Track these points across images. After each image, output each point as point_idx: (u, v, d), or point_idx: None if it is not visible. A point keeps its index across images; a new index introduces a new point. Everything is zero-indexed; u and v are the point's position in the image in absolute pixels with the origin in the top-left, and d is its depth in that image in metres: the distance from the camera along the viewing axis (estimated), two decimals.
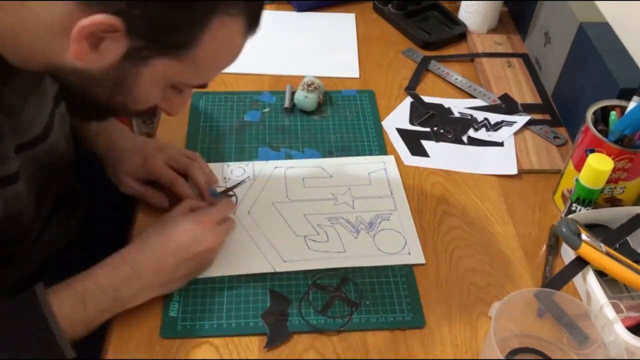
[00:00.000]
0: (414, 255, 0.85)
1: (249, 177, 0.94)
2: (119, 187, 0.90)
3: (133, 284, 0.73)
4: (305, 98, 1.06)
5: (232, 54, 0.67)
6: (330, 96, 1.11)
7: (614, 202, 0.90)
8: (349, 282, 0.82)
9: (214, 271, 0.81)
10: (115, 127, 0.93)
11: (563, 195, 0.93)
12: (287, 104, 1.07)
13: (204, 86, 0.70)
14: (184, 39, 0.59)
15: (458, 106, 1.11)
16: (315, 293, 0.80)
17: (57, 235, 0.90)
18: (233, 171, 0.95)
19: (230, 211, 0.85)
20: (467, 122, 1.07)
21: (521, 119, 1.07)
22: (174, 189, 0.88)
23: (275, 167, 0.97)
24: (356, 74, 1.17)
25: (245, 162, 0.97)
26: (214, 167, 0.93)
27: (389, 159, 0.99)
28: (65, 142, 0.83)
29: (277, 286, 0.81)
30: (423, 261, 0.85)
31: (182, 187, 0.87)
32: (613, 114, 0.88)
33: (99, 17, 0.55)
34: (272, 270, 0.82)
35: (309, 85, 1.06)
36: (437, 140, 1.04)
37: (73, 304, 0.69)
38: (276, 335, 0.75)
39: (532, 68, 1.20)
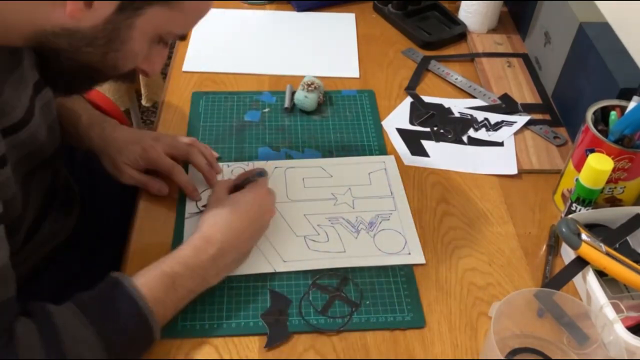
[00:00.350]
0: (414, 255, 0.85)
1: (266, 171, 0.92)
2: (118, 177, 0.90)
3: (217, 263, 0.76)
4: (305, 98, 1.06)
5: (210, 2, 0.69)
6: (330, 96, 1.11)
7: (614, 202, 0.90)
8: (349, 282, 0.82)
9: None
10: (105, 120, 0.94)
11: (563, 195, 0.93)
12: (287, 104, 1.07)
13: (183, 38, 0.72)
14: None
15: (458, 106, 1.11)
16: (315, 293, 0.80)
17: (54, 233, 0.90)
18: (233, 171, 0.95)
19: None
20: (467, 122, 1.07)
21: (521, 119, 1.07)
22: (172, 176, 0.90)
23: (276, 167, 0.97)
24: (356, 74, 1.17)
25: (246, 162, 0.97)
26: None
27: (389, 159, 0.99)
28: (47, 133, 0.82)
29: (277, 286, 0.81)
30: (423, 261, 0.85)
31: (179, 175, 0.89)
32: (613, 114, 0.88)
33: None
34: (272, 270, 0.82)
35: (309, 85, 1.06)
36: (437, 140, 1.04)
37: (164, 286, 0.71)
38: (276, 335, 0.75)
39: (532, 68, 1.20)
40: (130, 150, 0.89)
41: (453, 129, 1.06)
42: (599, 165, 0.82)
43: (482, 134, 1.05)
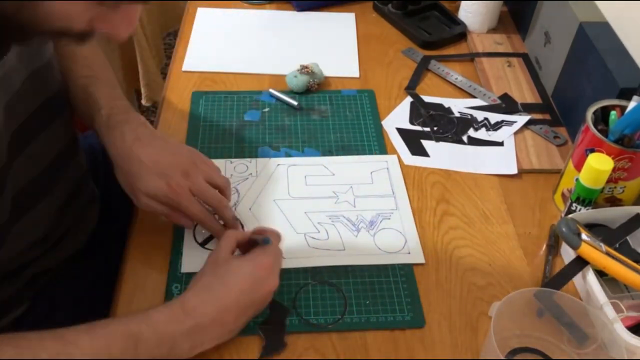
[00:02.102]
0: (414, 254, 0.85)
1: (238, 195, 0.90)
2: (134, 201, 0.80)
3: (193, 338, 0.67)
4: (294, 77, 1.08)
5: None
6: (330, 96, 1.11)
7: (614, 201, 0.90)
8: (348, 281, 0.81)
9: None
10: (128, 120, 0.81)
11: (563, 195, 0.93)
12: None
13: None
14: None
15: (458, 106, 1.11)
16: (314, 291, 0.80)
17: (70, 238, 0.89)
18: (236, 167, 0.95)
19: (281, 242, 0.79)
20: (467, 122, 1.07)
21: (521, 119, 1.07)
22: (201, 225, 0.82)
23: (278, 165, 0.97)
24: (356, 74, 1.17)
25: (248, 159, 0.97)
26: (217, 163, 0.90)
27: (391, 159, 0.99)
28: (4, 113, 0.71)
29: None
30: (423, 261, 0.85)
31: (213, 229, 0.81)
32: (613, 114, 0.88)
33: None
34: None
35: (303, 67, 1.09)
36: (437, 140, 1.04)
37: (124, 345, 0.63)
38: (272, 346, 0.74)
39: (532, 68, 1.20)
40: (152, 183, 0.77)
41: (453, 128, 1.06)
42: (599, 165, 0.82)
43: (482, 134, 1.05)
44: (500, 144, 1.03)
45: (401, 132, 1.05)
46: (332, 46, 1.24)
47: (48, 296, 0.88)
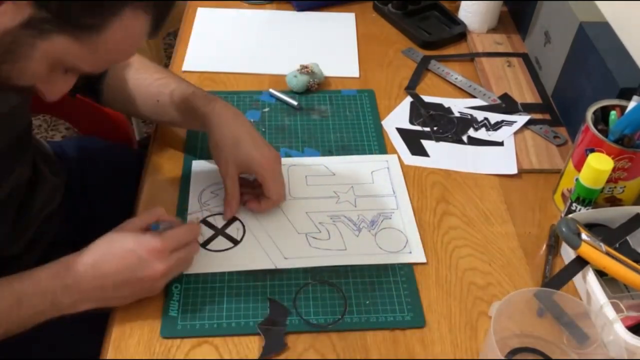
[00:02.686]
0: (415, 253, 0.85)
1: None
2: (222, 175, 0.87)
3: (72, 294, 0.71)
4: (294, 77, 1.09)
5: (131, 48, 0.65)
6: (330, 96, 1.11)
7: (614, 201, 0.90)
8: (348, 280, 0.82)
9: (215, 267, 0.82)
10: (216, 100, 0.89)
11: (563, 194, 0.93)
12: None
13: (90, 74, 0.66)
14: (94, 22, 0.57)
15: (458, 106, 1.11)
16: (314, 291, 0.80)
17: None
18: None
19: (193, 237, 0.79)
20: (467, 122, 1.07)
21: (521, 119, 1.07)
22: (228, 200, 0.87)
23: None
24: (356, 74, 1.17)
25: None
26: None
27: (392, 158, 0.99)
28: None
29: (277, 285, 0.81)
30: (424, 260, 0.85)
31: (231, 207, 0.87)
32: (613, 114, 0.88)
33: None
34: (273, 267, 0.82)
35: (303, 67, 1.09)
36: (437, 140, 1.04)
37: (8, 302, 0.69)
38: (272, 346, 0.74)
39: (532, 68, 1.20)
40: (243, 149, 0.85)
41: (453, 128, 1.06)
42: (599, 165, 0.82)
43: (482, 134, 1.05)
44: (500, 144, 1.03)
45: (401, 132, 1.05)
46: (332, 46, 1.24)
47: None
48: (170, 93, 0.90)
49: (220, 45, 1.22)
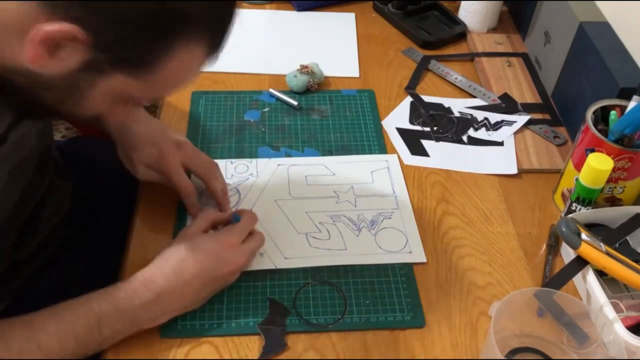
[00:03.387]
0: (415, 253, 0.85)
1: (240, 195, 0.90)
2: (134, 173, 0.87)
3: (153, 309, 0.71)
4: (294, 77, 1.09)
5: (189, 78, 0.66)
6: (330, 96, 1.11)
7: (613, 201, 0.90)
8: (348, 280, 0.82)
9: None
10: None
11: (563, 194, 0.93)
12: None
13: (151, 104, 0.69)
14: (148, 59, 0.58)
15: (458, 106, 1.11)
16: (314, 291, 0.80)
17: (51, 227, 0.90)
18: (237, 168, 0.95)
19: (254, 225, 0.81)
20: (467, 122, 1.07)
21: (521, 119, 1.07)
22: (183, 199, 0.86)
23: (279, 165, 0.97)
24: (356, 74, 1.17)
25: (249, 159, 0.97)
26: (217, 163, 0.91)
27: (392, 158, 0.99)
28: (37, 137, 0.79)
29: (277, 285, 0.81)
30: (424, 260, 0.85)
31: (189, 197, 0.85)
32: (613, 114, 0.88)
33: (63, 25, 0.53)
34: (273, 267, 0.82)
35: (303, 67, 1.09)
36: (437, 140, 1.04)
37: (87, 323, 0.68)
38: (272, 346, 0.74)
39: (532, 67, 1.20)
40: (147, 151, 0.85)
41: (453, 128, 1.06)
42: (598, 165, 0.82)
43: (482, 134, 1.05)
44: (500, 143, 1.03)
45: (401, 132, 1.05)
46: (332, 46, 1.24)
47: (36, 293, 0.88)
48: None
49: None
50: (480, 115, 1.09)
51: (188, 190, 0.85)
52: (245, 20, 1.30)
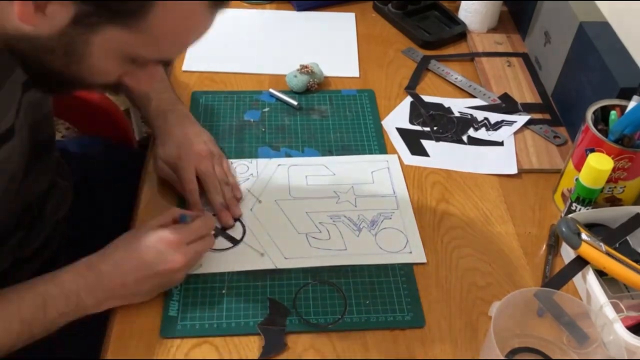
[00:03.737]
0: (415, 254, 0.85)
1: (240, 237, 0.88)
2: (153, 167, 0.92)
3: (95, 293, 0.73)
4: (294, 77, 1.09)
5: (194, 28, 0.64)
6: (330, 96, 1.11)
7: (614, 201, 0.90)
8: (348, 280, 0.82)
9: (215, 267, 0.82)
10: (174, 110, 0.93)
11: (563, 194, 0.93)
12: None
13: (168, 63, 0.68)
14: (133, 7, 0.57)
15: (458, 106, 1.11)
16: (314, 291, 0.80)
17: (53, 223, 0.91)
18: (237, 168, 0.96)
19: (209, 230, 0.81)
20: (467, 122, 1.07)
21: (521, 119, 1.07)
22: (186, 197, 0.88)
23: (279, 165, 0.97)
24: (356, 74, 1.17)
25: (249, 159, 0.97)
26: None
27: (392, 158, 0.99)
28: (29, 133, 0.79)
29: (277, 285, 0.81)
30: (424, 260, 0.85)
31: (194, 205, 0.87)
32: (613, 114, 0.88)
33: None
34: (273, 267, 0.82)
35: (303, 67, 1.09)
36: (437, 140, 1.04)
37: (33, 305, 0.70)
38: (272, 346, 0.74)
39: (532, 67, 1.20)
40: (169, 150, 0.89)
41: (453, 128, 1.06)
42: (598, 165, 0.82)
43: (482, 134, 1.05)
44: (500, 143, 1.03)
45: (401, 132, 1.05)
46: (332, 46, 1.24)
47: None
48: (146, 105, 0.94)
49: (220, 45, 1.21)
50: (480, 115, 1.09)
51: (191, 187, 0.87)
52: (246, 20, 1.30)
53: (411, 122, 1.07)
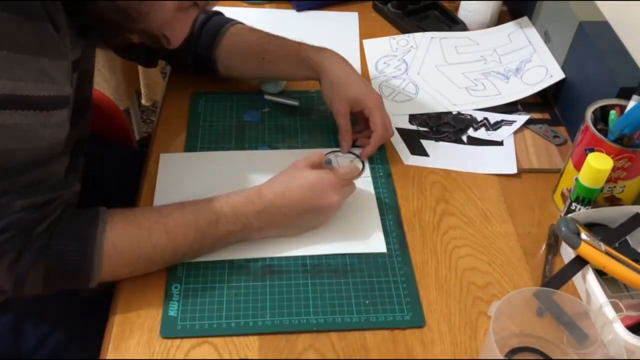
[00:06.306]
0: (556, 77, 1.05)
1: None
2: (333, 109, 0.99)
3: (262, 218, 0.80)
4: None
5: None
6: None
7: (613, 201, 0.90)
8: (348, 280, 0.82)
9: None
10: (325, 57, 1.01)
11: (562, 194, 0.93)
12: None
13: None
14: None
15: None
16: (314, 291, 0.80)
17: None
18: (399, 42, 1.21)
19: (356, 177, 0.92)
20: (466, 122, 1.07)
21: (521, 118, 1.07)
22: (338, 123, 0.98)
23: (432, 37, 1.22)
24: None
25: (407, 35, 1.24)
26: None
27: (524, 21, 1.25)
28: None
29: (277, 285, 0.81)
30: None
31: (346, 132, 0.98)
32: (612, 113, 0.88)
33: None
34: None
35: None
36: (437, 140, 1.04)
37: (208, 218, 0.78)
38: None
39: None
40: (357, 88, 0.96)
41: (452, 128, 1.06)
42: (598, 165, 0.82)
43: (481, 134, 1.05)
44: (500, 143, 1.04)
45: (401, 131, 1.05)
46: (332, 46, 1.23)
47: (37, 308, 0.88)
48: (275, 50, 1.01)
49: None
50: (479, 115, 1.09)
51: (341, 140, 0.98)
52: (245, 19, 1.30)
53: (411, 122, 1.07)
